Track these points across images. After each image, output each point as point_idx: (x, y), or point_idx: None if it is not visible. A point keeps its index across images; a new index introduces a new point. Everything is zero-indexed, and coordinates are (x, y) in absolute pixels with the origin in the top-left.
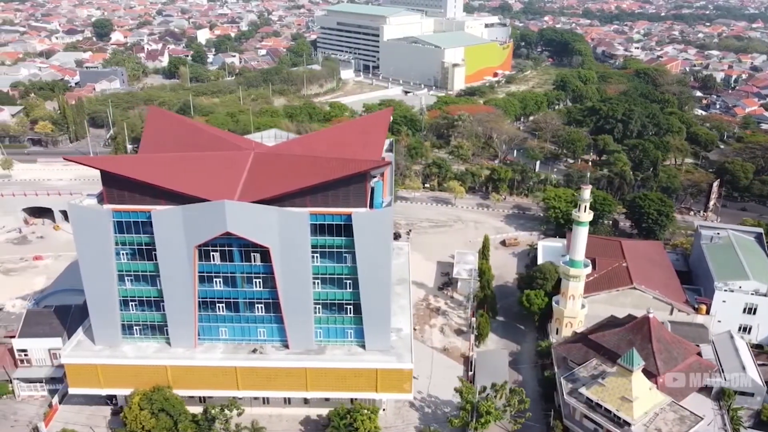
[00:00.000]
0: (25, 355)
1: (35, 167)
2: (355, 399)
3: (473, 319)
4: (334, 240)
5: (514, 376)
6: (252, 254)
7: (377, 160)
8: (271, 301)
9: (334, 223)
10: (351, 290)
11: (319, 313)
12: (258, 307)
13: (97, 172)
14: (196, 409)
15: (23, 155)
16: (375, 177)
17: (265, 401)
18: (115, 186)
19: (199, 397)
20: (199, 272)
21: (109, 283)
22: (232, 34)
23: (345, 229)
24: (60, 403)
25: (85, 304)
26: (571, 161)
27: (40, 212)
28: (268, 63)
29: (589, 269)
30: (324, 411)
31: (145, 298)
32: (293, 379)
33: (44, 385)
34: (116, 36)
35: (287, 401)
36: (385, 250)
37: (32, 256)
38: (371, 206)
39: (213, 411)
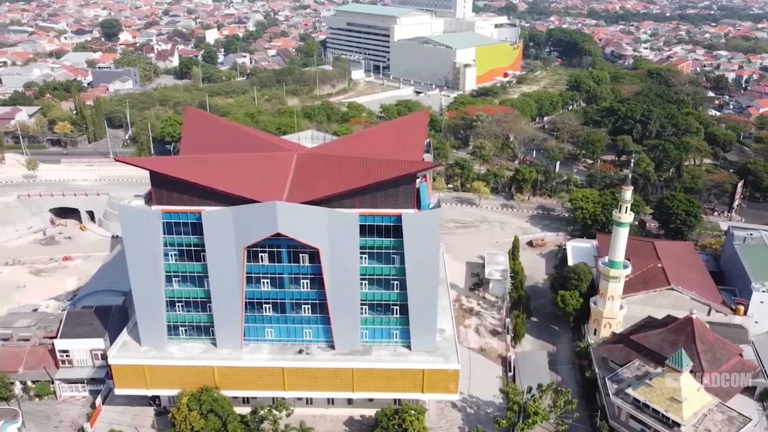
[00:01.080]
0: (67, 355)
1: (59, 168)
2: (398, 399)
3: (508, 319)
4: (383, 241)
5: (553, 376)
6: (300, 255)
7: (430, 162)
8: (317, 301)
9: (383, 224)
10: (398, 291)
11: (365, 313)
12: (304, 308)
13: (120, 173)
14: (239, 410)
15: (49, 156)
16: (418, 178)
17: (308, 402)
18: (164, 187)
19: (242, 398)
20: (247, 273)
21: (157, 283)
22: (240, 35)
23: (394, 230)
24: (103, 403)
25: (124, 305)
26: (590, 162)
27: (66, 212)
28: (278, 63)
29: (629, 270)
30: (367, 411)
31: (191, 299)
32: (339, 379)
33: (85, 385)
34: (125, 36)
35: (330, 402)
36: (434, 250)
37: (62, 256)
38: (418, 207)
39: (262, 411)
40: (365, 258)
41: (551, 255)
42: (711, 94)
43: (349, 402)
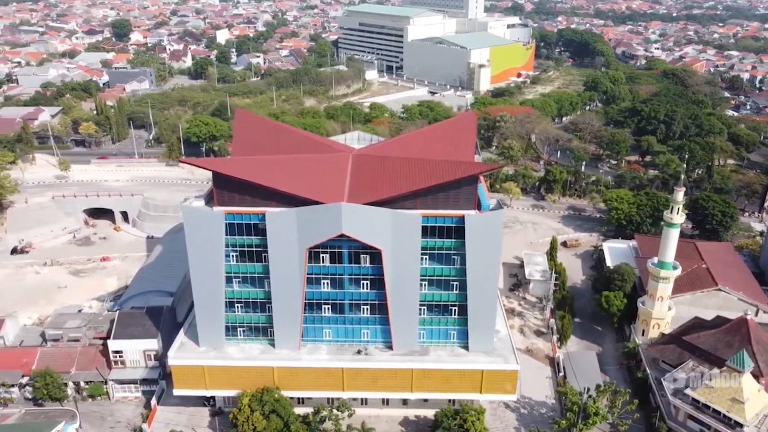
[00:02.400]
0: (120, 356)
1: (90, 168)
2: (452, 400)
3: (552, 320)
4: (444, 242)
5: (603, 377)
6: (361, 256)
7: (494, 163)
8: (377, 302)
9: (445, 225)
10: (457, 292)
11: (423, 314)
12: (363, 309)
13: (151, 173)
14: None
15: (74, 156)
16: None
17: (363, 402)
18: (226, 188)
19: (298, 398)
20: (308, 274)
21: (218, 284)
22: (251, 35)
23: (455, 231)
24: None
25: (173, 305)
26: (614, 162)
27: (98, 213)
28: (291, 63)
29: (679, 271)
30: (422, 412)
31: (251, 300)
32: (398, 380)
33: (138, 386)
34: (135, 36)
35: (385, 402)
36: (496, 251)
37: (99, 257)
38: (478, 208)
39: (324, 412)
40: (425, 259)
41: (586, 255)
42: (726, 94)
43: (404, 402)
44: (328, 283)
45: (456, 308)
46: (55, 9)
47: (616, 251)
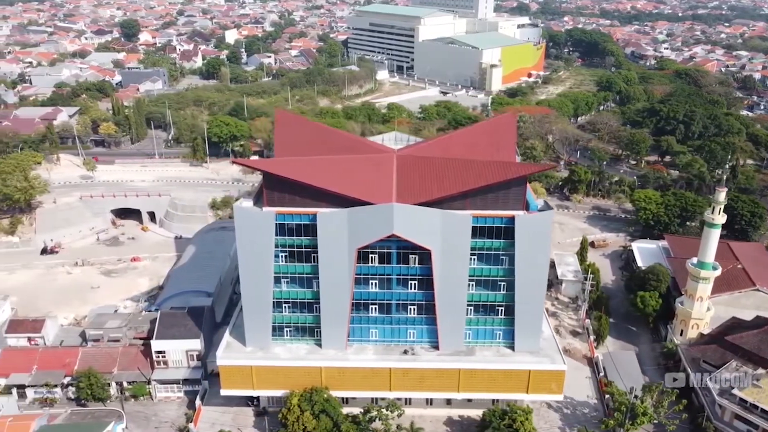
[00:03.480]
0: (163, 356)
1: (114, 168)
2: (496, 400)
3: (587, 320)
4: (493, 242)
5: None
6: (410, 256)
7: (545, 164)
8: (424, 302)
9: (494, 225)
10: (504, 292)
11: (469, 314)
12: (410, 309)
13: (175, 173)
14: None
15: (100, 156)
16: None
17: (407, 402)
18: (277, 189)
19: (342, 398)
20: (356, 274)
21: (267, 285)
22: (259, 35)
23: (505, 231)
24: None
25: (212, 305)
26: (633, 162)
27: (124, 213)
28: (302, 63)
29: (719, 272)
30: (466, 412)
31: (298, 300)
32: (444, 380)
33: (181, 386)
34: (144, 36)
35: (429, 402)
36: (545, 252)
37: (129, 257)
38: (526, 208)
39: (374, 412)
40: (473, 259)
41: (614, 256)
42: (738, 94)
43: (448, 402)
44: (375, 284)
45: (502, 308)
46: (62, 9)
47: (645, 251)
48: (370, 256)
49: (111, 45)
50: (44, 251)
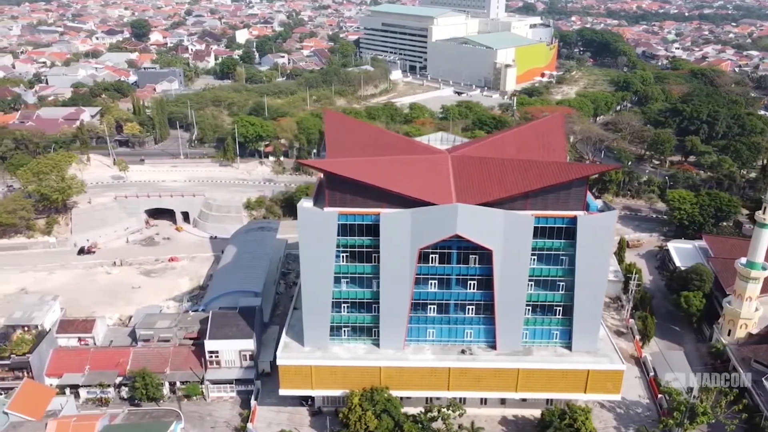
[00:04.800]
0: (216, 356)
1: (145, 168)
2: (550, 399)
3: (631, 320)
4: (553, 243)
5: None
6: (470, 256)
7: (608, 165)
8: (482, 302)
9: (555, 225)
10: (563, 292)
11: (527, 314)
12: (468, 309)
13: (205, 173)
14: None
15: (124, 156)
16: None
17: (461, 402)
18: (338, 189)
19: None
20: (416, 274)
21: (328, 284)
22: (269, 35)
23: (566, 231)
24: None
25: (261, 305)
26: (657, 162)
27: (157, 213)
28: (315, 63)
29: None
30: (520, 412)
31: (357, 300)
32: (502, 379)
33: (234, 386)
34: (155, 36)
35: (483, 402)
36: (607, 252)
37: (167, 257)
38: (586, 208)
39: (435, 412)
40: (533, 259)
41: (649, 255)
42: (753, 94)
43: (502, 402)
44: (435, 284)
45: (560, 309)
46: (69, 9)
47: (682, 251)
48: (431, 256)
49: (123, 45)
50: (81, 251)
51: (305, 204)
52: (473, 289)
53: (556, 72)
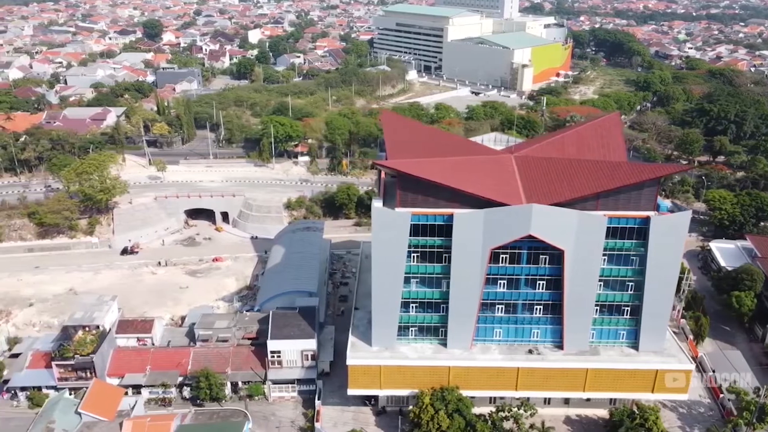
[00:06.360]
0: (278, 356)
1: (180, 169)
2: (614, 399)
3: (682, 320)
4: (624, 243)
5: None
6: (541, 256)
7: (679, 165)
8: (550, 302)
9: (627, 226)
10: (631, 292)
11: (595, 314)
12: (536, 309)
13: (241, 174)
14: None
15: (166, 158)
16: None
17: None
18: (410, 190)
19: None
20: (487, 274)
21: (398, 284)
22: (281, 35)
23: (637, 232)
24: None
25: (318, 305)
26: (685, 162)
27: (195, 213)
28: (331, 63)
29: None
30: (583, 411)
31: (426, 300)
32: (570, 379)
33: (295, 386)
34: (168, 36)
35: (546, 401)
36: (678, 253)
37: (211, 257)
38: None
39: (506, 412)
40: (603, 260)
41: (691, 255)
42: None
43: (566, 402)
44: (504, 284)
45: (628, 309)
46: (79, 9)
47: (726, 252)
48: (501, 256)
49: (136, 45)
50: (124, 251)
51: (378, 204)
52: (542, 289)
53: (571, 72)
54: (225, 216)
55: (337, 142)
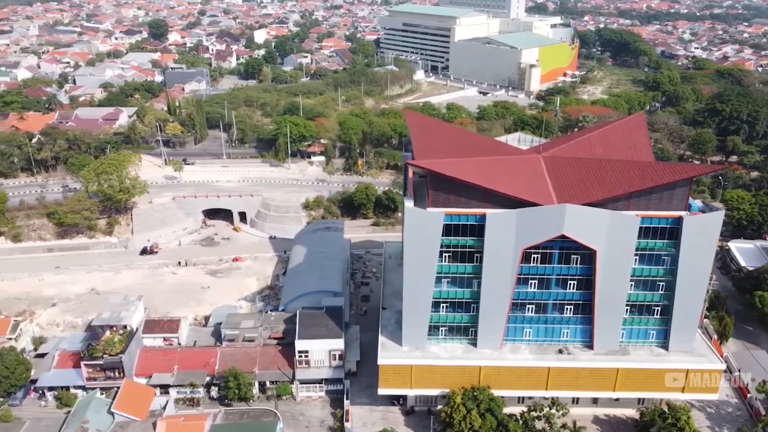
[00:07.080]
0: (305, 356)
1: (196, 169)
2: (642, 399)
3: (705, 320)
4: (656, 243)
5: None
6: (572, 257)
7: (710, 165)
8: (581, 302)
9: (659, 226)
10: (662, 292)
11: (625, 314)
12: (566, 309)
13: (257, 174)
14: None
15: (179, 157)
16: None
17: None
18: (443, 190)
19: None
20: (518, 274)
21: (429, 284)
22: (287, 35)
23: (669, 232)
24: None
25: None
26: (697, 162)
27: (212, 213)
28: (338, 63)
29: None
30: (611, 411)
31: (456, 300)
32: (600, 379)
33: (323, 386)
34: (173, 36)
35: (575, 401)
36: (710, 253)
37: (231, 257)
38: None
39: (537, 411)
40: (635, 259)
41: None
42: None
43: (594, 401)
44: (535, 284)
45: (659, 309)
46: (83, 9)
47: (746, 251)
48: (533, 256)
49: (142, 45)
50: (144, 251)
51: (409, 205)
52: (573, 288)
53: (578, 72)
54: (242, 216)
55: (352, 142)
